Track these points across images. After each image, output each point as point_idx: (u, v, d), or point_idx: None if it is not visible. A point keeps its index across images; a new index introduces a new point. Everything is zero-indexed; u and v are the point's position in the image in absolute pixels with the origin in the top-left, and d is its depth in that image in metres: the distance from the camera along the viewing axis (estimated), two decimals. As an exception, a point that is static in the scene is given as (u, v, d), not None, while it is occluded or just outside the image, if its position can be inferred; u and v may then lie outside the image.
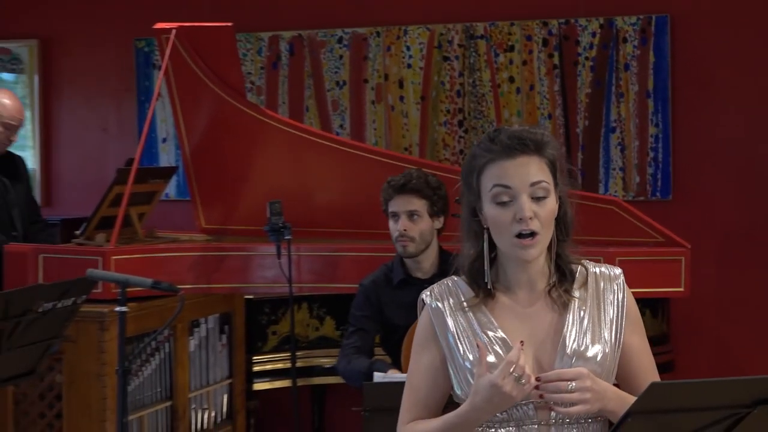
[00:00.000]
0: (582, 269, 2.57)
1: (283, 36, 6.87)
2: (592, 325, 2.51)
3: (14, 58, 7.41)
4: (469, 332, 2.49)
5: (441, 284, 2.58)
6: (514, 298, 2.52)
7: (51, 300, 3.58)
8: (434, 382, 2.52)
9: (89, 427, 4.83)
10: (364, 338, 4.59)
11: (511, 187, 2.42)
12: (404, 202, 4.40)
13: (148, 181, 5.66)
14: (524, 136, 2.44)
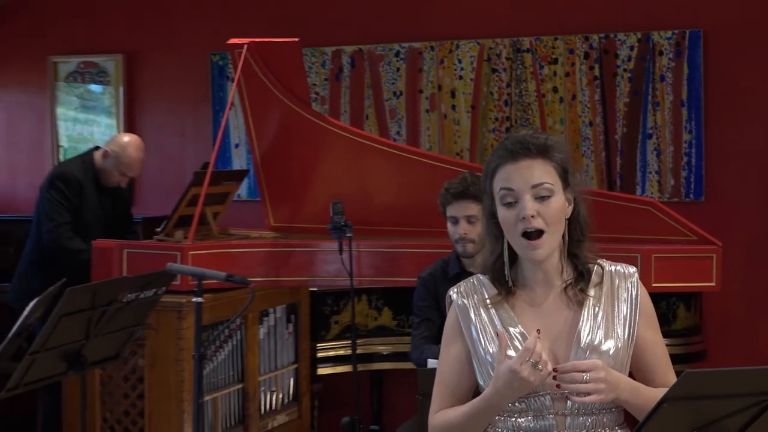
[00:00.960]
0: (598, 268, 2.55)
1: (345, 50, 6.88)
2: (606, 320, 2.49)
3: (101, 71, 7.47)
4: (491, 327, 2.49)
5: (467, 282, 2.58)
6: (533, 296, 2.51)
7: (134, 291, 3.61)
8: (461, 374, 2.53)
9: (168, 407, 4.87)
10: (431, 327, 4.58)
11: (513, 189, 2.42)
12: (463, 208, 4.39)
13: (222, 183, 5.69)
14: (527, 140, 2.44)
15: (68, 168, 5.81)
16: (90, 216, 5.74)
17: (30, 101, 7.68)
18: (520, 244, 2.42)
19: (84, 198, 5.71)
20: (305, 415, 5.80)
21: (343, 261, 4.95)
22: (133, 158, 5.77)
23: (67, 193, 5.65)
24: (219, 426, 5.15)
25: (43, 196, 5.73)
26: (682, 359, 5.56)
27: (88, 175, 5.75)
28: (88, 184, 5.73)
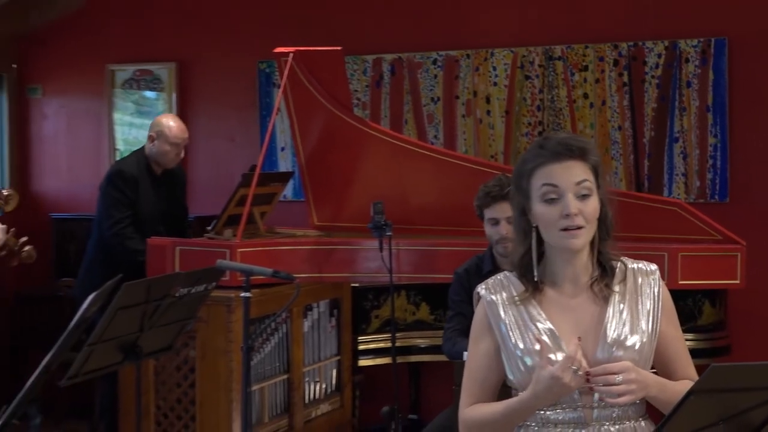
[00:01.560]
0: (621, 265, 2.53)
1: (385, 58, 6.88)
2: (630, 316, 2.47)
3: (155, 78, 7.51)
4: (519, 323, 2.47)
5: (495, 279, 2.57)
6: (560, 292, 2.50)
7: (186, 286, 3.63)
8: (489, 368, 2.50)
9: (218, 396, 4.89)
10: (463, 321, 4.57)
11: (558, 186, 2.41)
12: (503, 209, 4.34)
13: (269, 184, 5.71)
14: (570, 143, 2.43)
15: (124, 165, 5.86)
16: (147, 208, 5.77)
17: (89, 107, 7.74)
18: (559, 235, 2.41)
19: (140, 192, 5.75)
20: (347, 404, 5.81)
21: (383, 258, 4.96)
22: (175, 127, 5.83)
23: (124, 188, 5.69)
24: (265, 414, 5.17)
25: (102, 194, 5.77)
26: (708, 354, 5.53)
27: (142, 170, 5.79)
28: (143, 178, 5.77)
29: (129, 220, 5.66)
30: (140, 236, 5.59)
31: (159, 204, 5.86)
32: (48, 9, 7.62)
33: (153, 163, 5.84)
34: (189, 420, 4.96)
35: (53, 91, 7.86)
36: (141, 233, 5.63)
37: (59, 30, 7.75)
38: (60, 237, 7.37)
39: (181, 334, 3.92)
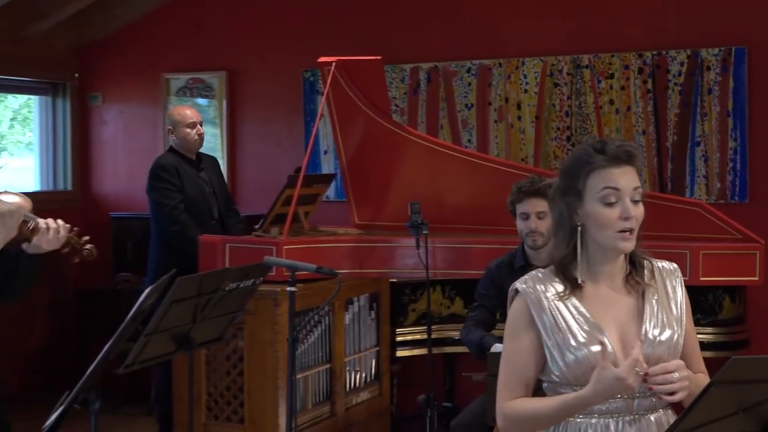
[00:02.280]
0: (648, 263, 2.52)
1: (422, 67, 6.88)
2: (663, 312, 2.47)
3: (207, 86, 7.55)
4: (562, 318, 2.44)
5: (532, 275, 2.53)
6: (598, 288, 2.47)
7: (235, 281, 3.64)
8: (530, 363, 2.47)
9: (264, 384, 4.90)
10: (484, 313, 4.59)
11: (620, 189, 2.39)
12: (534, 204, 4.37)
13: (313, 185, 5.72)
14: (628, 149, 2.41)
15: (160, 159, 5.91)
16: (193, 190, 5.78)
17: (146, 113, 7.79)
18: (614, 237, 2.40)
19: (183, 177, 5.77)
20: (385, 392, 5.81)
21: (419, 255, 4.95)
22: (184, 112, 5.93)
23: (167, 178, 5.72)
24: (309, 401, 5.17)
25: (150, 191, 5.80)
26: (728, 347, 5.49)
27: (178, 159, 5.83)
28: (181, 166, 5.80)
29: (182, 206, 5.68)
30: (196, 222, 5.63)
31: (205, 187, 5.89)
32: (107, 22, 7.68)
33: (184, 151, 5.89)
34: (238, 406, 4.98)
35: (112, 99, 7.93)
36: (196, 218, 5.67)
37: (118, 41, 7.81)
38: (118, 235, 7.43)
39: (230, 326, 3.93)
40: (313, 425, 5.17)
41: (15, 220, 2.86)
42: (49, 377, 7.03)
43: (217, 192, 5.97)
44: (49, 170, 7.81)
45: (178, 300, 3.33)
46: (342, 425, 5.40)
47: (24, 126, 8.25)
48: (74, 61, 7.88)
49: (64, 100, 7.87)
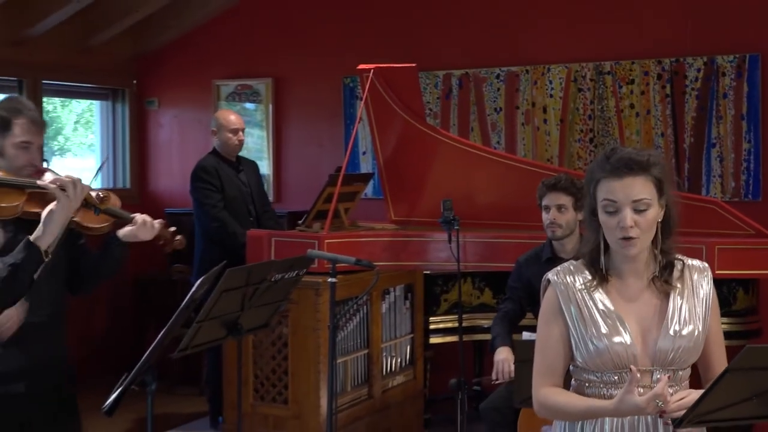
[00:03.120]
0: (678, 262, 2.49)
1: (454, 73, 6.86)
2: (688, 309, 2.44)
3: (254, 92, 7.57)
4: (588, 308, 2.43)
5: (564, 267, 2.52)
6: (624, 284, 2.46)
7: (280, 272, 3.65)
8: (560, 352, 2.46)
9: (307, 368, 4.92)
10: (513, 306, 4.58)
11: (616, 201, 2.36)
12: (554, 198, 4.37)
13: (352, 183, 5.73)
14: (632, 160, 2.37)
15: (202, 161, 5.96)
16: (232, 191, 5.84)
17: (198, 117, 7.83)
18: (617, 242, 2.38)
19: (223, 178, 5.82)
20: (419, 376, 5.81)
21: (451, 249, 4.94)
22: (229, 117, 5.96)
23: (208, 179, 5.78)
24: (348, 384, 5.18)
25: (192, 191, 5.86)
26: (741, 336, 5.45)
27: (219, 161, 5.88)
28: (222, 168, 5.85)
29: (222, 204, 5.74)
30: (235, 219, 5.67)
31: (242, 187, 5.93)
32: (162, 33, 7.73)
33: (224, 154, 5.93)
34: (282, 388, 5.00)
35: (167, 104, 7.97)
36: (234, 216, 5.71)
37: (172, 51, 7.86)
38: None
39: (275, 314, 3.94)
40: (351, 406, 5.18)
41: (80, 191, 2.88)
42: (109, 360, 7.10)
43: (254, 193, 6.02)
44: (109, 170, 7.87)
45: (227, 289, 3.35)
46: (379, 407, 5.41)
47: (86, 129, 8.33)
48: (133, 69, 7.94)
49: (123, 104, 7.94)
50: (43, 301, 3.13)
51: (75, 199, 2.87)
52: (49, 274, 3.06)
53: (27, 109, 3.19)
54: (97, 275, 3.35)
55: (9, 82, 7.04)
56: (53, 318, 3.19)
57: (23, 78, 7.05)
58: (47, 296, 3.15)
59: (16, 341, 3.08)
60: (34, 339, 3.11)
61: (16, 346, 3.08)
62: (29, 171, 3.17)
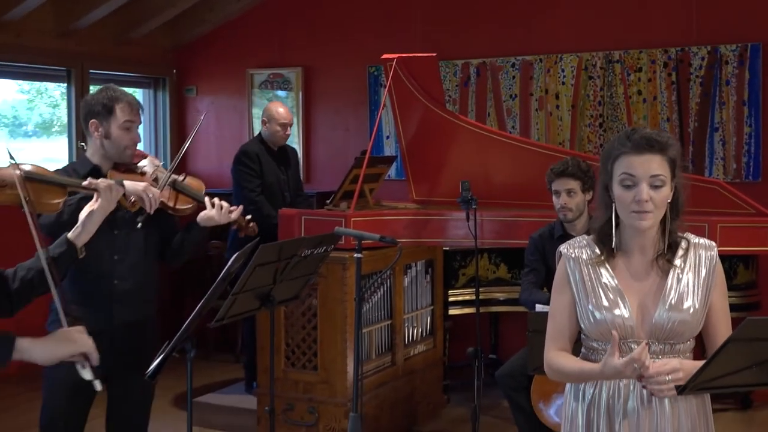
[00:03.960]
0: (684, 241, 2.46)
1: (471, 63, 6.83)
2: (688, 285, 2.41)
3: (285, 80, 7.58)
4: (593, 280, 2.43)
5: (576, 240, 2.52)
6: (630, 260, 2.44)
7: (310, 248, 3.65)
8: (569, 318, 2.47)
9: (335, 337, 4.93)
10: (538, 276, 4.57)
11: (635, 176, 2.35)
12: (563, 183, 4.38)
13: (376, 165, 5.72)
14: (653, 139, 2.36)
15: (246, 146, 5.98)
16: (270, 177, 5.86)
17: (233, 104, 7.85)
18: (630, 216, 2.37)
19: (263, 165, 5.84)
20: (438, 345, 5.82)
21: (469, 227, 4.93)
22: (280, 111, 5.92)
23: (249, 164, 5.79)
24: (373, 352, 5.20)
25: (233, 173, 5.89)
26: (742, 308, 5.45)
27: (261, 149, 5.90)
28: (263, 155, 5.86)
29: (259, 189, 5.77)
30: (270, 203, 5.69)
31: (280, 174, 5.95)
32: (199, 26, 7.74)
33: (269, 143, 5.94)
34: (312, 355, 5.02)
35: (205, 91, 7.99)
36: (270, 200, 5.73)
37: (209, 42, 7.87)
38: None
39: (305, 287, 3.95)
40: (376, 373, 5.20)
41: (115, 194, 2.89)
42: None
43: (290, 179, 6.03)
44: (151, 153, 7.89)
45: (261, 264, 3.35)
46: (401, 373, 5.42)
47: (130, 115, 8.36)
48: (172, 59, 7.96)
49: (164, 92, 7.96)
50: (132, 271, 3.40)
51: (111, 202, 2.90)
52: (138, 248, 3.40)
53: (124, 94, 3.42)
54: (182, 252, 3.60)
55: (59, 71, 7.08)
56: (142, 285, 3.44)
57: (71, 68, 7.09)
58: (136, 267, 3.42)
59: (108, 304, 3.34)
60: (123, 302, 3.38)
61: (109, 308, 3.35)
62: (132, 151, 3.43)
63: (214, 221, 3.53)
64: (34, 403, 5.86)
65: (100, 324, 3.22)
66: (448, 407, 5.94)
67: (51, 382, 3.36)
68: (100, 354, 3.16)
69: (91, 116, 3.40)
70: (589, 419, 2.45)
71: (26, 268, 2.58)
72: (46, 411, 3.40)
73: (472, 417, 4.91)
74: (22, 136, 7.50)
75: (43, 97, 7.70)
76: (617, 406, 2.41)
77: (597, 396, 2.44)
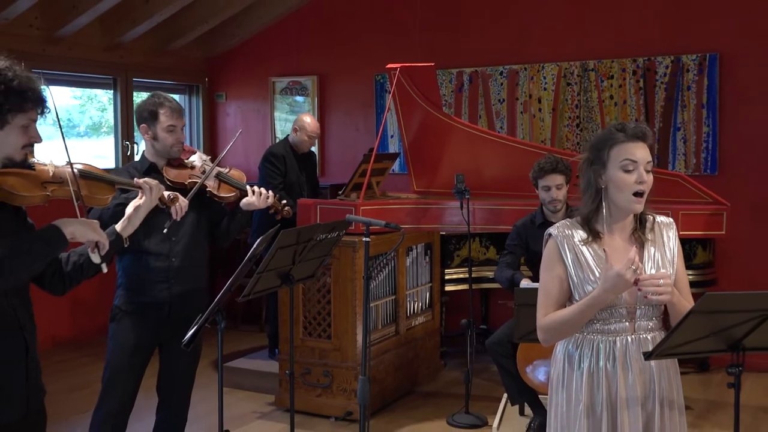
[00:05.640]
0: (650, 218, 2.48)
1: (465, 71, 6.80)
2: (660, 256, 2.43)
3: (303, 87, 7.56)
4: (585, 257, 2.42)
5: (562, 224, 2.51)
6: (613, 239, 2.44)
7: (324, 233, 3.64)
8: (561, 288, 2.45)
9: (346, 310, 4.93)
10: (513, 258, 4.57)
11: (636, 161, 2.36)
12: (553, 179, 4.36)
13: (382, 161, 5.71)
14: (644, 130, 2.39)
15: (274, 148, 5.98)
16: (293, 178, 5.88)
17: (257, 108, 7.84)
18: (629, 199, 2.37)
19: (287, 166, 5.84)
20: (436, 317, 5.82)
21: (463, 214, 4.93)
22: (312, 124, 5.96)
23: (276, 163, 5.81)
24: (379, 323, 5.20)
25: (260, 169, 5.89)
26: (701, 285, 5.44)
27: (288, 151, 5.91)
28: (288, 157, 5.87)
29: (281, 186, 5.77)
30: (289, 197, 5.68)
31: (301, 175, 5.95)
32: (228, 40, 7.72)
33: (294, 148, 5.94)
34: (326, 326, 5.02)
35: (233, 97, 7.98)
36: (289, 195, 5.73)
37: (236, 54, 7.85)
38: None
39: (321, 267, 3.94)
40: (382, 341, 5.20)
41: (156, 192, 2.89)
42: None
43: (308, 179, 6.04)
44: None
45: (282, 247, 3.35)
46: (403, 341, 5.42)
47: (168, 117, 8.35)
48: (205, 69, 7.95)
49: (197, 98, 7.95)
50: (185, 251, 3.45)
51: (153, 198, 2.89)
52: (191, 232, 3.46)
53: (167, 101, 3.49)
54: (228, 233, 3.65)
55: (106, 80, 7.07)
56: (193, 263, 3.50)
57: (117, 76, 7.08)
58: (188, 247, 3.47)
59: (164, 279, 3.41)
60: (179, 278, 3.44)
61: (165, 283, 3.42)
62: (178, 148, 3.49)
63: (255, 206, 3.60)
64: (88, 366, 5.95)
65: (160, 295, 3.39)
66: (445, 371, 5.94)
67: (115, 343, 3.42)
68: (160, 321, 3.40)
69: (141, 121, 3.49)
70: (590, 384, 2.42)
71: (78, 254, 2.58)
72: (108, 368, 3.43)
73: (465, 379, 4.92)
74: (75, 136, 7.50)
75: (93, 102, 7.70)
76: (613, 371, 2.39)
77: (594, 362, 2.41)
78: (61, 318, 6.68)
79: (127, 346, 3.39)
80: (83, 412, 3.73)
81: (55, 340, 6.61)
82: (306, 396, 5.00)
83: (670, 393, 2.43)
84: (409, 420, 4.97)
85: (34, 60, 6.19)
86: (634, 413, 2.38)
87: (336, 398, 4.95)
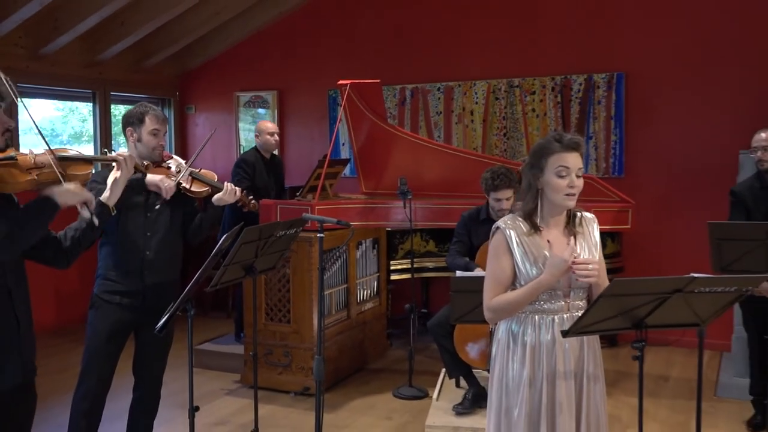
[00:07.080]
0: (579, 214, 2.53)
1: (407, 87, 6.81)
2: (587, 247, 2.48)
3: (264, 101, 7.49)
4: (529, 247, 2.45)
5: (509, 218, 2.52)
6: (551, 232, 2.48)
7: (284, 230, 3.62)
8: (508, 274, 2.46)
9: (304, 298, 4.90)
10: (462, 246, 4.53)
11: (569, 168, 2.39)
12: (505, 193, 4.23)
13: (335, 166, 5.68)
14: (578, 141, 2.42)
15: (245, 155, 5.90)
16: (261, 183, 5.80)
17: (223, 119, 7.74)
18: (563, 198, 2.41)
19: (256, 171, 5.77)
20: (383, 303, 5.82)
21: (406, 212, 4.93)
22: (268, 124, 5.90)
23: (245, 167, 5.73)
24: (333, 309, 5.18)
25: (233, 174, 5.80)
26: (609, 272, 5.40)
27: (257, 158, 5.83)
28: (257, 163, 5.80)
29: (250, 189, 5.68)
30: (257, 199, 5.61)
31: (268, 179, 5.88)
32: (196, 58, 7.61)
33: (262, 152, 5.86)
34: (286, 312, 4.98)
35: (201, 109, 7.86)
36: (258, 197, 5.65)
37: (205, 70, 7.74)
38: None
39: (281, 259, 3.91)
40: (335, 324, 5.18)
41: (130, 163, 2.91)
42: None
43: (275, 182, 5.98)
44: (160, 157, 7.77)
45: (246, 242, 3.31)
46: (354, 324, 5.41)
47: (143, 127, 8.18)
48: (176, 84, 7.81)
49: (169, 110, 7.81)
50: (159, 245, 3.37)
51: (129, 168, 2.93)
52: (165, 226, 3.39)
53: (152, 109, 3.46)
54: (201, 228, 3.57)
55: (86, 93, 6.91)
56: (166, 256, 3.40)
57: (96, 90, 6.92)
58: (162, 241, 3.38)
59: (139, 271, 3.34)
60: (151, 270, 3.35)
61: (139, 274, 3.34)
62: (159, 152, 3.44)
63: (224, 201, 3.54)
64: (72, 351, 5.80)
65: (135, 285, 3.32)
66: (391, 350, 5.95)
67: (94, 329, 3.35)
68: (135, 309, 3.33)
69: (128, 125, 3.44)
70: (532, 357, 2.44)
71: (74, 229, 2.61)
72: (87, 352, 3.34)
73: (409, 357, 4.93)
74: (58, 144, 7.29)
75: (75, 114, 7.51)
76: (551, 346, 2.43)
77: (536, 338, 2.44)
78: (46, 307, 6.51)
79: (105, 331, 3.33)
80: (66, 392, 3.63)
81: (41, 327, 6.42)
82: (268, 374, 4.96)
83: (595, 367, 2.47)
84: (360, 393, 4.97)
85: (19, 75, 6.01)
86: (569, 385, 2.42)
87: (295, 375, 4.92)
